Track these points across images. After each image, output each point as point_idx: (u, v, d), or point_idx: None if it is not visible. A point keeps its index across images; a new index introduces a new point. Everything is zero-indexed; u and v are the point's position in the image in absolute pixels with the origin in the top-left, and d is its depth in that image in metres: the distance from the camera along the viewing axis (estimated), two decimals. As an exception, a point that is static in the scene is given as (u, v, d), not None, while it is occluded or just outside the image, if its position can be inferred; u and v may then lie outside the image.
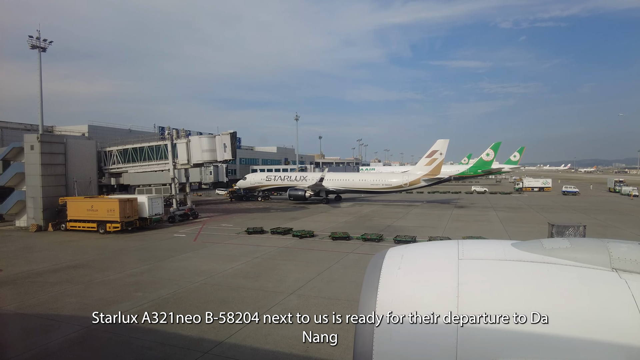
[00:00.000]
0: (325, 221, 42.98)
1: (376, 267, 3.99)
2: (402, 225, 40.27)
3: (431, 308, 3.46)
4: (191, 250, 28.31)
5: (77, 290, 19.26)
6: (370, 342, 3.46)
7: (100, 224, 35.58)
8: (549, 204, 63.68)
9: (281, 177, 68.21)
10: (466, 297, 3.48)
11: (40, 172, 37.51)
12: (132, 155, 44.19)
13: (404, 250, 4.27)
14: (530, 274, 3.61)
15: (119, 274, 22.04)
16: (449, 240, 4.70)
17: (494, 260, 3.82)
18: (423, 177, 60.39)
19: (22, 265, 24.16)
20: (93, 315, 16.06)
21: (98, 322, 15.02)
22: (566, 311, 3.27)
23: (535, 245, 3.97)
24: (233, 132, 42.46)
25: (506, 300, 3.42)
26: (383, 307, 3.57)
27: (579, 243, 3.96)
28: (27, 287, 19.81)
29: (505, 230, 37.48)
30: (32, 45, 48.19)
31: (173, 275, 21.84)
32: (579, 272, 3.53)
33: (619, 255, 3.57)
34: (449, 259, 3.90)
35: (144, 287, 19.70)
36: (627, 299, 3.22)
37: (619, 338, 3.09)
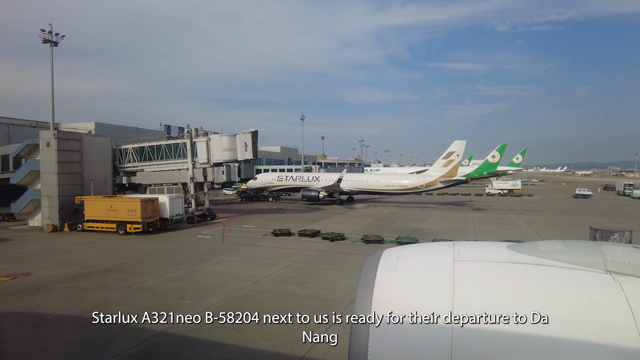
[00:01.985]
0: (347, 223, 41.81)
1: (372, 268, 3.99)
2: (430, 228, 39.18)
3: (426, 309, 3.47)
4: (223, 253, 27.03)
5: (118, 297, 17.93)
6: (365, 342, 3.47)
7: (120, 225, 34.16)
8: (564, 207, 62.91)
9: (293, 177, 66.97)
10: (461, 298, 3.49)
11: (57, 170, 36.01)
12: (149, 154, 42.72)
13: (400, 252, 4.28)
14: (525, 276, 3.63)
15: (157, 279, 20.73)
16: (444, 242, 4.67)
17: (489, 262, 3.83)
18: (439, 178, 59.41)
19: (49, 269, 22.77)
20: (147, 326, 14.93)
21: (156, 335, 13.91)
22: (560, 313, 3.26)
23: (531, 247, 3.97)
24: (254, 131, 41.17)
25: (501, 302, 3.43)
26: (378, 308, 3.57)
27: (574, 246, 3.97)
28: (63, 293, 18.45)
29: (538, 234, 36.46)
30: (44, 40, 46.46)
31: (215, 280, 20.58)
32: (574, 275, 3.54)
33: (613, 258, 3.57)
34: (445, 261, 3.90)
35: (190, 293, 18.43)
36: (621, 301, 3.22)
37: (613, 340, 3.08)
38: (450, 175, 59.32)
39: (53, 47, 39.82)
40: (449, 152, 60.53)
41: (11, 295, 18.15)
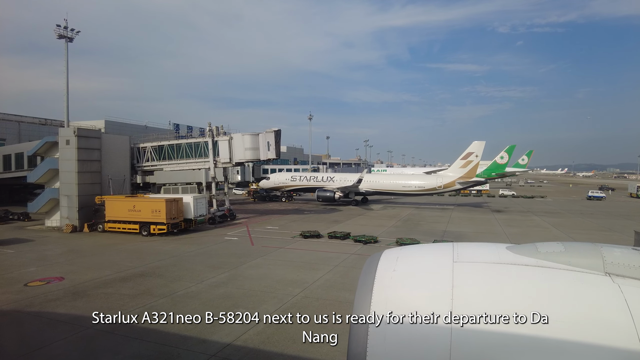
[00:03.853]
0: (372, 225, 40.75)
1: (371, 268, 3.98)
2: (459, 230, 38.17)
3: (425, 310, 3.46)
4: (258, 256, 25.93)
5: (164, 305, 16.83)
6: (364, 342, 3.46)
7: (144, 226, 33.02)
8: (582, 209, 62.04)
9: (307, 177, 65.84)
10: (460, 299, 3.47)
11: (77, 169, 34.84)
12: (169, 152, 41.54)
13: (400, 252, 4.27)
14: (524, 278, 3.61)
15: (199, 285, 19.64)
16: (444, 243, 4.64)
17: (488, 264, 3.81)
18: (458, 179, 58.44)
19: (82, 273, 21.65)
20: (209, 338, 13.86)
21: (223, 349, 12.84)
22: (560, 315, 3.24)
23: (530, 249, 3.96)
24: (277, 130, 40.05)
25: (500, 303, 3.41)
26: (378, 308, 3.56)
27: (573, 247, 3.95)
28: (104, 300, 17.34)
29: (572, 237, 35.49)
30: (60, 35, 45.51)
31: (262, 286, 19.50)
32: (573, 276, 3.53)
33: (612, 260, 3.57)
34: (444, 262, 3.88)
35: (241, 301, 17.35)
36: (620, 303, 3.21)
37: (612, 342, 3.07)
38: (468, 177, 58.36)
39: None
40: (468, 153, 59.56)
41: (51, 302, 17.04)
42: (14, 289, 18.75)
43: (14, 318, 15.37)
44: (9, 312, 15.87)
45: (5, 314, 15.67)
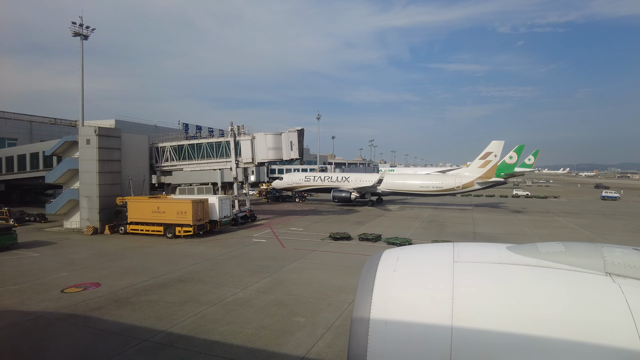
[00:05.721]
0: (397, 226, 39.80)
1: (372, 269, 3.95)
2: (488, 232, 37.25)
3: (426, 310, 3.43)
4: (294, 259, 24.97)
5: (216, 313, 15.83)
6: (364, 342, 3.41)
7: (168, 228, 32.02)
8: (601, 209, 61.19)
9: (321, 177, 64.87)
10: (461, 299, 3.42)
11: (98, 169, 33.83)
12: (189, 152, 40.51)
13: (400, 252, 4.25)
14: (525, 278, 3.56)
15: (244, 290, 18.67)
16: (444, 243, 4.57)
17: (489, 264, 3.76)
18: (477, 179, 57.54)
19: (117, 278, 20.66)
20: (280, 351, 12.87)
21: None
22: (560, 315, 3.21)
23: (531, 249, 3.92)
24: (300, 129, 39.06)
25: (501, 303, 3.36)
26: (378, 308, 3.52)
27: (574, 247, 3.89)
28: (151, 308, 16.32)
29: (609, 240, 34.55)
30: (75, 33, 44.54)
31: (310, 292, 18.55)
32: (574, 276, 3.49)
33: (613, 260, 3.54)
34: (444, 262, 3.84)
35: (296, 308, 16.36)
36: (621, 303, 3.18)
37: (613, 341, 3.04)
38: (487, 177, 57.45)
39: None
40: (486, 153, 58.65)
41: (94, 311, 16.04)
42: (51, 296, 17.75)
43: (62, 329, 14.36)
44: (53, 322, 14.87)
45: (51, 324, 14.67)
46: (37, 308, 16.21)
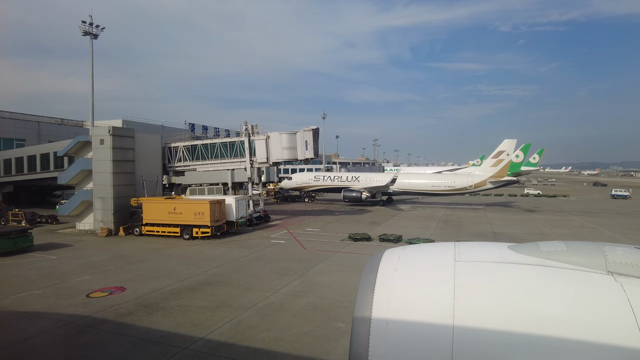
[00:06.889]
0: (414, 227, 39.19)
1: (373, 268, 3.93)
2: (508, 232, 36.61)
3: (427, 310, 3.41)
4: (318, 260, 24.40)
5: (253, 319, 15.23)
6: (366, 343, 3.39)
7: (185, 229, 31.45)
8: (614, 208, 60.57)
9: (331, 177, 64.28)
10: (462, 299, 3.39)
11: (112, 170, 33.26)
12: (202, 152, 39.92)
13: (401, 252, 4.22)
14: (526, 277, 3.53)
15: (276, 294, 18.09)
16: (445, 242, 4.53)
17: (490, 263, 3.73)
18: (489, 178, 56.97)
19: (141, 282, 20.09)
20: (328, 359, 12.28)
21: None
22: (562, 314, 3.19)
23: (532, 248, 3.90)
24: (316, 129, 38.46)
25: (502, 302, 3.34)
26: (379, 308, 3.50)
27: (576, 246, 3.85)
28: (183, 314, 15.73)
29: (633, 240, 33.94)
30: (85, 32, 44.24)
31: (343, 295, 17.97)
32: (575, 275, 3.47)
33: (614, 259, 3.51)
34: (446, 261, 3.81)
35: (334, 313, 15.77)
36: (623, 302, 3.16)
37: (615, 341, 3.02)
38: (500, 176, 56.87)
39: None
40: (499, 152, 58.13)
41: (125, 316, 15.47)
42: (77, 301, 17.18)
43: (95, 336, 13.77)
44: (85, 329, 14.29)
45: (83, 331, 14.09)
46: (65, 313, 15.64)
